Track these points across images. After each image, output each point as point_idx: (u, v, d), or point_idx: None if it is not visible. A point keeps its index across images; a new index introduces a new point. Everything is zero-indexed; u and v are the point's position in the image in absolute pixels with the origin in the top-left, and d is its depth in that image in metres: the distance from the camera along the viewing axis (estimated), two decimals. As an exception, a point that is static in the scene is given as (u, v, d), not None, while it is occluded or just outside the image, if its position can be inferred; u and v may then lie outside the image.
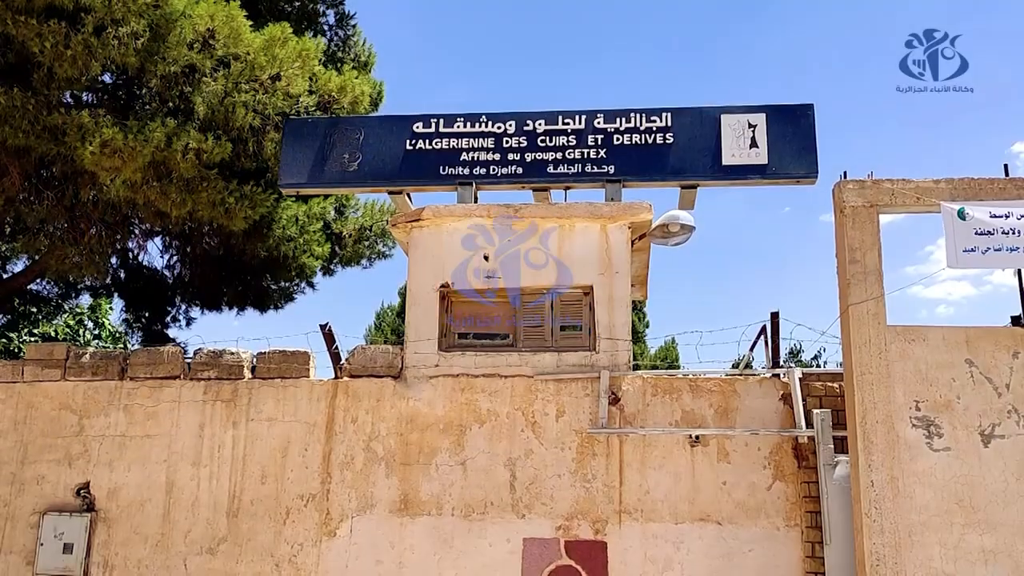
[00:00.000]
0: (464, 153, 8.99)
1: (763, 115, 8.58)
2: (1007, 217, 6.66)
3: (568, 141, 8.89)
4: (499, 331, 8.32)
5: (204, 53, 9.39)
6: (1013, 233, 6.61)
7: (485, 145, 8.98)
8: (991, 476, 6.35)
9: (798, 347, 19.28)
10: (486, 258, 8.35)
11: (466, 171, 8.93)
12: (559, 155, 8.87)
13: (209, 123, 9.41)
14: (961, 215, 6.67)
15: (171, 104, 9.56)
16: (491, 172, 8.91)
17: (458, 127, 9.06)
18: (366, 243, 13.27)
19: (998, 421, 6.45)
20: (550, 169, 8.86)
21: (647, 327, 22.40)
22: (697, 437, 7.47)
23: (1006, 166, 7.06)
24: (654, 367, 18.10)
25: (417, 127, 9.11)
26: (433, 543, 7.62)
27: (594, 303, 8.12)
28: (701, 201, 8.78)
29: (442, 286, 8.34)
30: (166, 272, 13.65)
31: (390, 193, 9.26)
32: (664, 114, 8.76)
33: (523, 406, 7.83)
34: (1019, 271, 7.00)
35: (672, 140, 8.68)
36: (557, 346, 8.11)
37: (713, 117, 8.69)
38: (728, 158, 8.55)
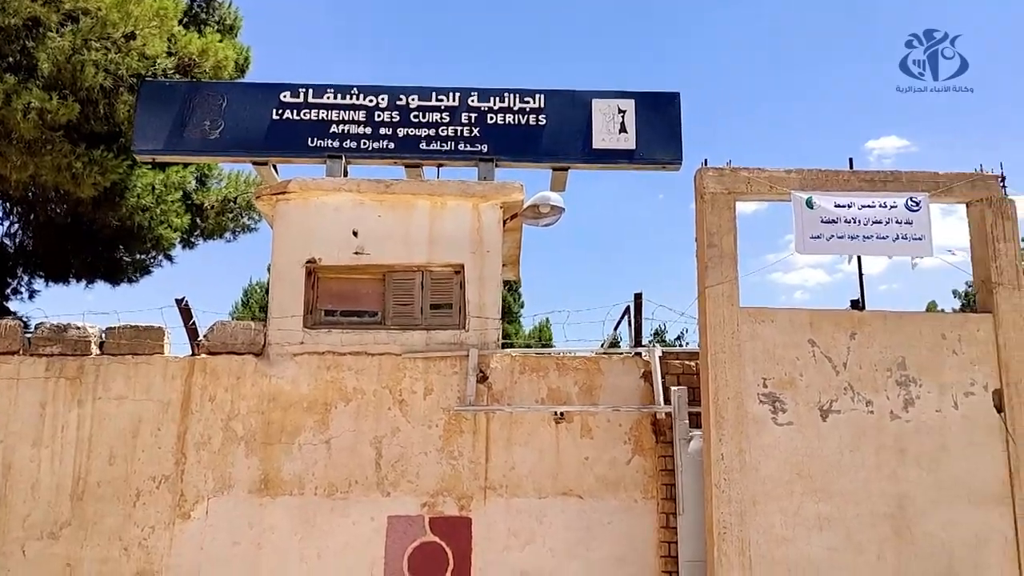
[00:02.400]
0: (334, 125, 8.80)
1: (632, 101, 8.81)
2: (850, 207, 7.12)
3: (442, 118, 8.85)
4: (368, 308, 8.20)
5: (49, 6, 8.75)
6: (855, 222, 7.08)
7: (356, 118, 8.82)
8: (828, 448, 6.81)
9: (663, 328, 20.10)
10: (355, 234, 8.19)
11: (336, 144, 8.75)
12: (432, 132, 8.82)
13: (54, 82, 8.79)
14: (809, 204, 7.08)
15: (11, 60, 8.85)
16: (362, 146, 8.76)
17: (328, 98, 8.85)
18: (230, 215, 12.79)
19: (835, 397, 6.90)
20: (423, 146, 8.81)
21: (522, 307, 22.72)
22: (562, 414, 7.64)
23: (851, 159, 7.55)
24: (527, 346, 18.36)
25: (284, 96, 8.83)
26: (294, 523, 7.46)
27: (465, 282, 8.13)
28: (587, 185, 9.04)
29: (309, 261, 8.14)
30: (6, 240, 12.68)
31: (255, 164, 8.96)
32: (538, 95, 8.85)
33: (391, 384, 7.77)
34: (859, 258, 7.50)
35: (545, 122, 8.79)
36: (427, 324, 8.08)
37: (585, 101, 8.85)
38: (598, 142, 8.73)
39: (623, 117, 8.71)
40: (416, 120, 8.81)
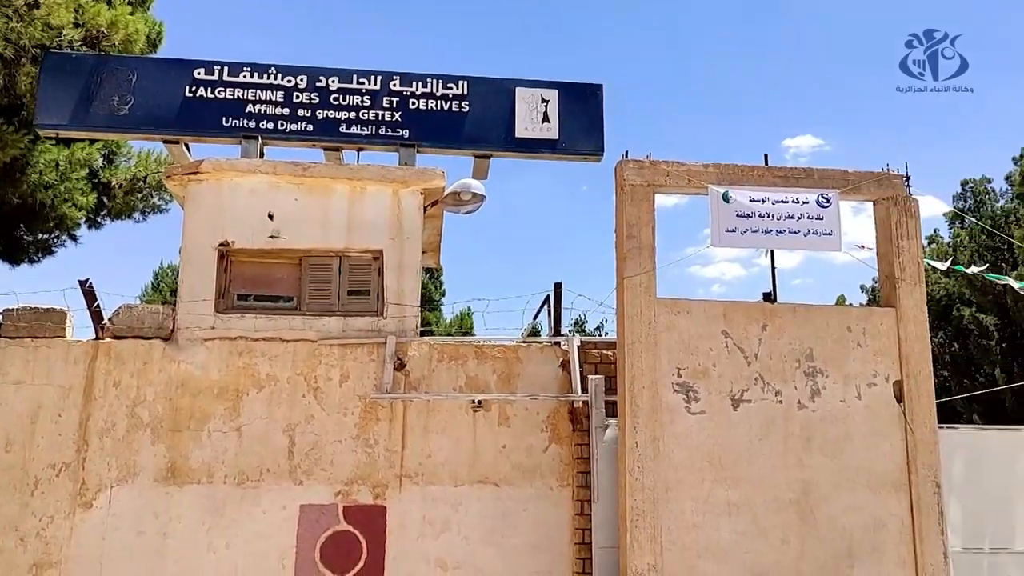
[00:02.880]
0: (250, 105, 8.57)
1: (556, 91, 8.83)
2: (764, 202, 7.28)
3: (363, 101, 8.70)
4: (283, 294, 8.02)
5: (-55, -32, 8.24)
6: (768, 217, 7.26)
7: (274, 99, 8.60)
8: (738, 437, 6.97)
9: (583, 318, 20.28)
10: (271, 217, 8.00)
11: (252, 124, 8.52)
12: (353, 115, 8.67)
13: (-51, 49, 8.29)
14: (726, 198, 7.21)
15: (-98, 23, 8.32)
16: (279, 127, 8.56)
17: (244, 77, 8.60)
18: (139, 195, 12.31)
19: (747, 387, 7.07)
20: (343, 129, 8.65)
21: (443, 295, 22.54)
22: (480, 402, 7.62)
23: (766, 156, 7.72)
24: (448, 334, 18.28)
25: (198, 73, 8.54)
26: (202, 512, 7.25)
27: (383, 268, 8.02)
28: (512, 174, 8.97)
29: (221, 244, 7.90)
30: None
31: (166, 142, 8.66)
32: (461, 82, 8.79)
33: (305, 371, 7.62)
34: (772, 251, 7.69)
35: (467, 109, 8.74)
36: (344, 311, 7.95)
37: (508, 89, 8.83)
38: (521, 131, 8.73)
39: (546, 107, 8.72)
40: (336, 103, 8.64)
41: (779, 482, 6.92)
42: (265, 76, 8.62)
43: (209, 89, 8.51)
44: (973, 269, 8.90)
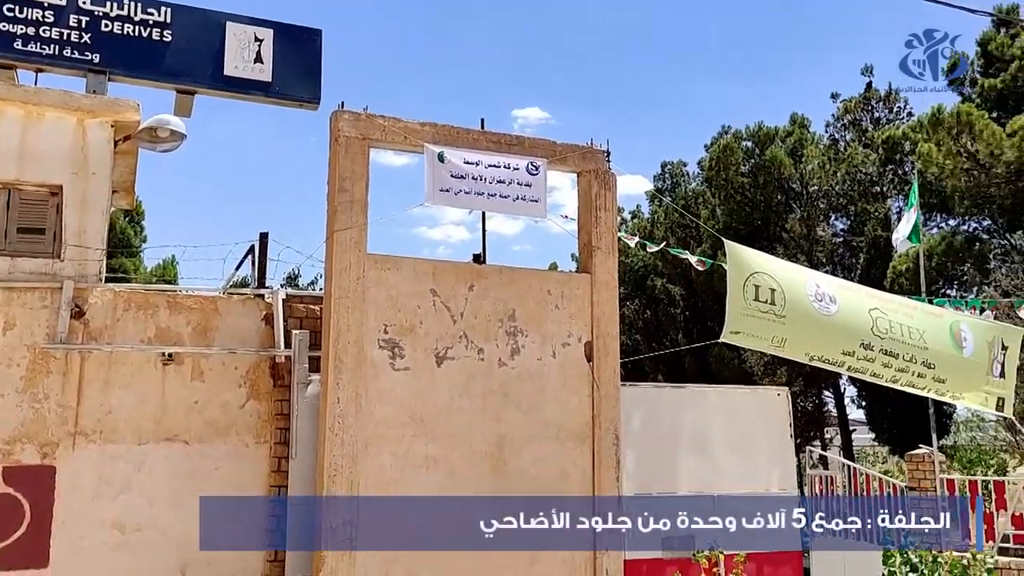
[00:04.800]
0: (-103, 5, 7.22)
1: (271, 31, 8.39)
2: (478, 165, 7.44)
3: (44, 17, 7.72)
4: (-66, 227, 6.91)
5: None
6: (481, 180, 7.42)
7: (-71, 1, 7.32)
8: (440, 393, 7.12)
9: (297, 272, 19.75)
10: (-81, 138, 6.84)
11: (-102, 28, 7.20)
12: (31, 31, 7.68)
13: None
14: (441, 158, 7.27)
15: None
16: (-64, 35, 7.31)
17: None
18: None
19: (451, 344, 7.23)
20: (18, 45, 7.65)
21: (145, 241, 20.75)
22: (171, 355, 7.11)
23: (483, 120, 7.88)
24: (148, 283, 16.89)
25: None
26: None
27: (63, 205, 7.18)
28: (238, 119, 8.39)
29: None
30: None
31: None
32: (163, 8, 8.08)
33: (-41, 317, 6.63)
34: (483, 214, 7.90)
35: (170, 39, 8.06)
36: (12, 250, 7.03)
37: (218, 23, 8.25)
38: (231, 69, 8.21)
39: (259, 47, 8.25)
40: (11, 15, 7.57)
41: (476, 436, 7.18)
42: (-81, -29, 7.31)
43: None
44: (655, 249, 9.70)
